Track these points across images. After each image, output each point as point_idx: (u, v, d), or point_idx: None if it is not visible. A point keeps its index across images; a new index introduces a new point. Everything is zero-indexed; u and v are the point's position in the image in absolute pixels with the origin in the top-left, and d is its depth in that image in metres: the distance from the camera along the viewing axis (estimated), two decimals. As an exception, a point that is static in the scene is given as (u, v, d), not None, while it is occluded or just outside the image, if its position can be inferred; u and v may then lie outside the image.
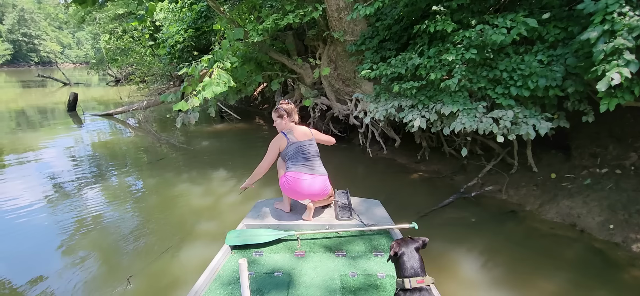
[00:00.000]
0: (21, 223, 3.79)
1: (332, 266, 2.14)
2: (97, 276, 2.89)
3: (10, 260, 3.15)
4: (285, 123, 2.71)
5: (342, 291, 1.91)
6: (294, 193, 2.65)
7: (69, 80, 23.03)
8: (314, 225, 2.64)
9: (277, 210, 2.86)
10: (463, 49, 3.24)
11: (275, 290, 1.92)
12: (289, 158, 2.66)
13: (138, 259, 3.12)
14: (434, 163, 5.19)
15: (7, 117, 11.21)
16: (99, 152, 6.80)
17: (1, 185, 4.87)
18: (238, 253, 2.33)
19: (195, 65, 4.98)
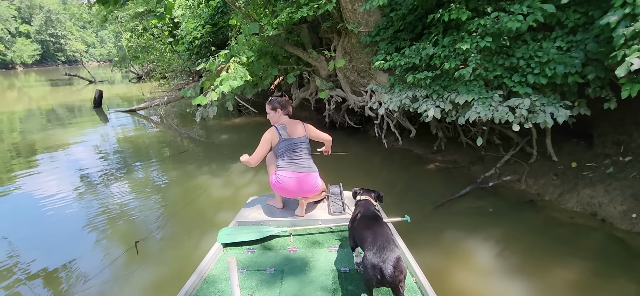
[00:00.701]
0: (53, 213, 4.03)
1: (325, 262, 2.11)
2: (120, 261, 3.06)
3: (44, 245, 3.38)
4: (278, 117, 2.65)
5: (334, 286, 1.89)
6: (284, 191, 2.61)
7: (94, 78, 23.92)
8: (307, 221, 2.60)
9: (269, 207, 2.82)
10: (478, 37, 3.20)
11: (267, 287, 1.89)
12: (279, 155, 2.62)
13: (161, 247, 3.28)
14: (450, 153, 5.15)
15: (38, 114, 11.83)
16: (124, 146, 7.12)
17: (35, 178, 5.19)
18: (230, 250, 2.29)
19: (213, 60, 5.11)
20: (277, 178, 2.57)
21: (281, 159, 2.59)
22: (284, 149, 2.58)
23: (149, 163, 5.92)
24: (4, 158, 6.43)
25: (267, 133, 2.59)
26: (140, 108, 10.22)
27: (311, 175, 2.60)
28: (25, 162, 6.14)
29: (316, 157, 2.81)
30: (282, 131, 2.57)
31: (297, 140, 2.59)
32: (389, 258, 1.59)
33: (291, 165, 2.55)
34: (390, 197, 4.22)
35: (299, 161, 2.57)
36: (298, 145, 2.59)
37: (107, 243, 3.37)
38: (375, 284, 1.65)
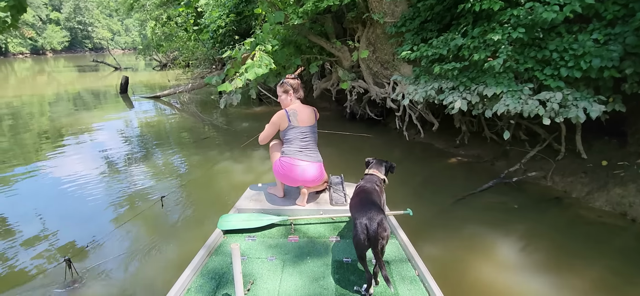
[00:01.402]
0: (78, 193, 4.18)
1: (327, 252, 2.10)
2: (140, 241, 3.16)
3: (69, 223, 3.51)
4: (290, 100, 2.58)
5: (336, 276, 1.88)
6: (287, 179, 2.58)
7: (119, 65, 24.65)
8: (308, 211, 2.57)
9: (270, 195, 2.78)
10: (510, 28, 3.13)
11: (268, 275, 1.88)
12: (286, 141, 2.57)
13: (182, 227, 3.38)
14: (473, 148, 5.08)
15: (66, 98, 12.33)
16: (148, 131, 7.36)
17: (61, 160, 5.42)
18: (230, 237, 2.28)
19: (238, 48, 5.20)
20: (281, 165, 2.54)
21: (287, 145, 2.55)
22: (292, 136, 2.52)
23: (172, 147, 6.12)
24: (34, 139, 6.76)
25: (276, 116, 2.54)
26: (164, 95, 10.51)
27: (316, 164, 2.57)
28: (53, 143, 6.44)
29: (331, 148, 2.79)
30: (293, 117, 2.50)
31: (306, 129, 2.54)
32: (374, 218, 1.73)
33: (297, 153, 2.52)
34: (409, 189, 4.23)
35: (305, 150, 2.53)
36: (306, 134, 2.54)
37: (126, 224, 3.46)
38: (364, 242, 1.74)
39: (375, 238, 1.70)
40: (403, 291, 1.74)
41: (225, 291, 1.76)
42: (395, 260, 2.01)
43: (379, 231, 1.69)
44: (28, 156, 5.70)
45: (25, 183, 4.57)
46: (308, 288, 1.78)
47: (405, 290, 1.75)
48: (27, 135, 7.01)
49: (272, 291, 1.75)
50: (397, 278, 1.84)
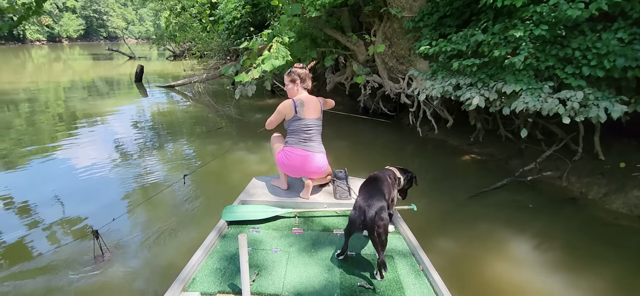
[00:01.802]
0: (90, 179, 4.25)
1: (331, 245, 2.10)
2: (156, 222, 3.23)
3: (87, 203, 3.62)
4: (297, 90, 2.54)
5: (340, 269, 1.88)
6: (290, 169, 2.57)
7: (134, 54, 24.97)
8: (312, 203, 2.57)
9: (274, 187, 2.78)
10: (532, 25, 3.10)
11: (273, 267, 1.88)
12: (290, 132, 2.55)
13: (197, 213, 3.44)
14: (488, 146, 5.05)
15: (81, 86, 12.59)
16: (162, 120, 7.49)
17: (75, 147, 5.53)
18: (234, 228, 2.29)
19: (256, 39, 5.25)
20: (284, 154, 2.53)
21: (290, 136, 2.54)
22: (296, 128, 2.50)
23: (186, 137, 6.23)
24: (50, 125, 6.93)
25: (282, 106, 2.50)
26: (178, 85, 10.64)
27: (319, 155, 2.55)
28: (68, 129, 6.60)
29: (343, 141, 2.79)
30: (299, 108, 2.46)
31: (312, 122, 2.51)
32: (373, 205, 1.77)
33: (301, 144, 2.51)
34: (421, 185, 4.21)
35: (309, 141, 2.52)
36: (311, 127, 2.51)
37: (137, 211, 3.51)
38: (358, 226, 1.79)
39: (371, 225, 1.73)
40: (408, 285, 1.74)
41: (230, 281, 1.76)
42: (399, 254, 2.01)
43: (375, 220, 1.72)
44: (43, 140, 5.85)
45: (42, 166, 4.72)
46: (313, 281, 1.77)
47: (410, 284, 1.75)
48: (43, 120, 7.20)
49: (277, 282, 1.75)
50: (401, 272, 1.84)
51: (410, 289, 1.72)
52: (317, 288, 1.73)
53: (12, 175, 4.36)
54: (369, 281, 1.76)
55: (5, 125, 6.73)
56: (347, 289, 1.71)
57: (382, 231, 1.74)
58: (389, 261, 1.92)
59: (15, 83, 12.60)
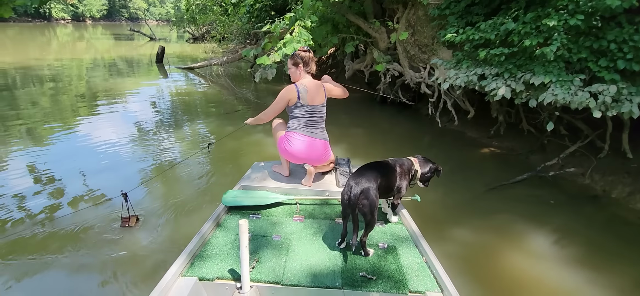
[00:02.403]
0: (109, 156, 4.37)
1: (332, 233, 2.06)
2: (173, 197, 3.34)
3: (101, 182, 3.70)
4: (300, 74, 2.44)
5: (342, 258, 1.85)
6: (292, 156, 2.50)
7: (154, 35, 25.34)
8: (314, 191, 2.51)
9: (275, 173, 2.73)
10: (567, 15, 3.00)
11: (273, 253, 1.85)
12: (292, 118, 2.49)
13: (214, 192, 3.50)
14: (508, 139, 4.96)
15: (102, 65, 12.91)
16: (182, 100, 7.65)
17: (95, 124, 5.70)
18: (235, 214, 2.25)
19: (278, 22, 5.25)
20: (286, 140, 2.47)
21: (292, 122, 2.48)
22: (298, 114, 2.44)
23: (204, 117, 6.35)
24: (72, 102, 7.18)
25: (285, 91, 2.39)
26: (198, 67, 10.79)
27: (322, 141, 2.50)
28: (90, 107, 6.81)
29: (360, 129, 2.72)
30: (303, 94, 2.38)
31: (316, 108, 2.44)
32: (360, 183, 1.77)
33: (303, 129, 2.45)
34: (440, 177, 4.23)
35: (311, 127, 2.47)
36: (314, 113, 2.45)
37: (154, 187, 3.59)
38: (345, 202, 1.80)
39: (354, 202, 1.74)
40: (410, 276, 1.71)
41: (229, 267, 1.73)
42: (402, 245, 1.99)
43: (359, 198, 1.74)
44: (67, 117, 6.06)
45: (65, 140, 4.92)
46: (314, 270, 1.74)
47: (412, 275, 1.72)
48: (66, 97, 7.45)
49: (277, 270, 1.71)
50: (404, 263, 1.81)
51: (413, 280, 1.68)
52: (318, 276, 1.69)
53: (38, 148, 4.54)
54: (371, 272, 1.73)
55: (31, 100, 7.00)
56: (349, 278, 1.68)
57: (367, 211, 1.75)
58: (392, 252, 1.91)
59: (40, 60, 13.02)
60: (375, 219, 1.80)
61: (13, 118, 5.75)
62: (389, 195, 2.09)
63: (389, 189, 2.03)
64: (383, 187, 1.93)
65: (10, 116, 5.86)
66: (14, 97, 7.17)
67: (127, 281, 2.30)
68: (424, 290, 1.62)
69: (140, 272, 2.38)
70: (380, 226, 2.16)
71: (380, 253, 1.88)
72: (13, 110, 6.26)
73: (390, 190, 2.04)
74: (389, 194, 2.08)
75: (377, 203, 1.82)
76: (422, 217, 3.10)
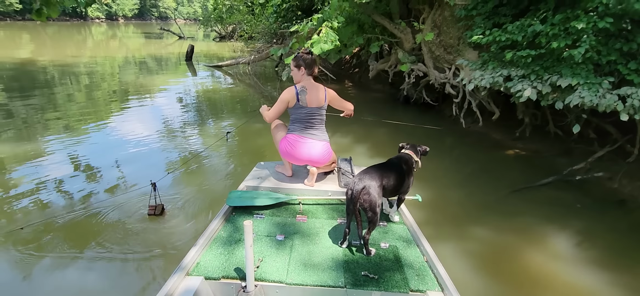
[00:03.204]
0: (138, 149, 4.63)
1: (335, 234, 2.08)
2: (196, 187, 3.59)
3: (129, 172, 3.96)
4: (301, 76, 2.48)
5: (345, 258, 1.87)
6: (293, 157, 2.55)
7: (183, 34, 26.21)
8: (316, 191, 2.54)
9: (278, 174, 2.77)
10: (596, 17, 3.00)
11: (277, 253, 1.89)
12: (292, 120, 2.54)
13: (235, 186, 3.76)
14: (534, 142, 4.92)
15: (133, 63, 13.55)
16: (209, 97, 8.01)
17: (125, 119, 6.07)
18: (239, 214, 2.29)
19: (306, 23, 5.43)
20: (287, 142, 2.52)
21: (293, 124, 2.54)
22: (298, 116, 2.49)
23: (232, 114, 6.64)
24: (105, 97, 7.65)
25: (285, 93, 2.46)
26: (226, 65, 11.19)
27: (322, 143, 2.54)
28: (121, 102, 7.23)
29: (384, 128, 2.73)
30: (301, 96, 2.43)
31: (314, 110, 2.47)
32: (363, 180, 1.84)
33: (303, 131, 2.50)
34: (461, 175, 4.26)
35: (311, 129, 2.51)
36: (313, 115, 2.49)
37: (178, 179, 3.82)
38: (349, 198, 1.85)
39: (355, 198, 1.81)
40: (411, 276, 1.74)
41: (234, 267, 1.77)
42: (403, 245, 2.02)
43: (361, 193, 1.80)
44: (100, 111, 6.51)
45: (98, 133, 5.28)
46: (317, 269, 1.77)
47: (413, 275, 1.75)
48: (99, 94, 7.94)
49: (281, 270, 1.75)
50: (405, 262, 1.85)
51: (414, 280, 1.71)
52: (322, 276, 1.72)
53: (72, 140, 4.90)
54: (373, 271, 1.76)
55: (67, 96, 7.53)
56: (351, 278, 1.71)
57: (367, 207, 1.81)
58: (393, 251, 1.94)
59: (77, 57, 13.83)
60: (377, 216, 1.84)
61: (51, 111, 6.23)
62: (398, 192, 2.15)
63: (397, 187, 2.09)
64: (391, 185, 2.00)
65: (48, 109, 6.35)
66: (52, 93, 7.71)
67: (149, 267, 2.46)
68: (425, 289, 1.65)
69: (160, 261, 2.53)
70: (382, 226, 2.20)
71: (382, 253, 1.91)
72: (51, 104, 6.77)
73: (398, 187, 2.10)
74: (397, 192, 2.14)
75: (379, 201, 1.87)
76: (442, 215, 3.23)
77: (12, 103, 6.66)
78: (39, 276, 2.33)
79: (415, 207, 2.68)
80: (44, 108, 6.34)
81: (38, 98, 7.03)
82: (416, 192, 2.50)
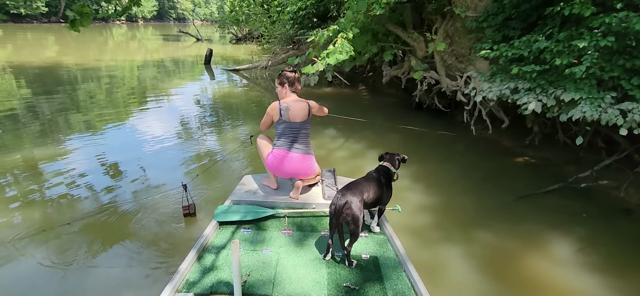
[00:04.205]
0: (155, 149, 4.95)
1: (319, 245, 2.15)
2: (204, 193, 3.74)
3: (148, 171, 4.26)
4: (285, 92, 2.62)
5: (328, 270, 1.93)
6: (279, 171, 2.64)
7: (201, 36, 26.81)
8: (301, 204, 2.61)
9: (264, 187, 2.83)
10: (599, 35, 3.15)
11: (262, 268, 1.93)
12: (277, 135, 2.64)
13: None
14: (544, 150, 5.03)
15: (152, 65, 14.08)
16: (226, 100, 8.39)
17: (145, 119, 6.43)
18: (226, 229, 2.34)
19: (322, 33, 5.69)
20: (273, 156, 2.62)
21: (278, 138, 2.63)
22: (282, 130, 2.60)
23: (247, 118, 6.95)
24: (124, 98, 8.09)
25: (270, 108, 2.60)
26: (244, 69, 11.57)
27: (306, 156, 2.63)
28: (140, 104, 7.65)
29: (395, 134, 2.85)
30: (284, 112, 2.54)
31: (297, 125, 2.58)
32: (346, 195, 1.95)
33: (288, 145, 2.59)
34: (470, 181, 4.39)
35: (295, 143, 2.60)
36: (297, 130, 2.59)
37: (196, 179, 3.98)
38: (332, 213, 1.96)
39: (338, 212, 1.92)
40: (390, 286, 1.82)
41: (222, 281, 1.82)
42: (383, 255, 2.11)
43: (344, 207, 1.91)
44: (119, 112, 6.93)
45: (118, 132, 5.68)
46: (301, 282, 1.84)
47: (392, 284, 1.84)
48: (119, 95, 8.42)
49: (267, 283, 1.81)
50: (384, 272, 1.94)
51: (392, 289, 1.80)
52: (306, 288, 1.79)
53: (94, 138, 5.31)
54: (354, 282, 1.84)
55: (90, 96, 8.04)
56: (334, 289, 1.78)
57: (350, 220, 1.93)
58: (374, 262, 2.03)
59: (99, 60, 14.48)
60: (359, 229, 1.96)
61: (74, 111, 6.72)
62: (378, 204, 2.28)
63: (379, 199, 2.22)
64: (371, 198, 2.13)
65: (71, 109, 6.84)
66: (75, 93, 8.24)
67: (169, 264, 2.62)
68: None
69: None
70: (364, 237, 2.28)
71: (363, 264, 2.00)
72: (74, 103, 7.27)
73: (379, 199, 2.23)
74: (378, 203, 2.27)
75: (361, 215, 1.98)
76: (449, 219, 3.41)
77: (38, 103, 7.19)
78: (80, 270, 2.57)
79: (419, 211, 2.84)
80: (66, 109, 6.81)
81: (61, 96, 7.61)
82: (412, 197, 2.62)
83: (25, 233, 2.98)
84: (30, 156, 4.63)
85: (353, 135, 5.69)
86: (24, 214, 3.27)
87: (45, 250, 2.78)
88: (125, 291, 2.42)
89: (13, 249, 2.77)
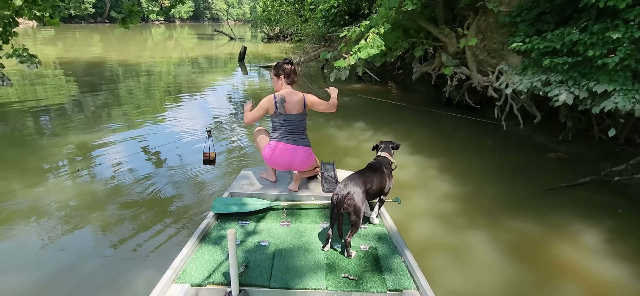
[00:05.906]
0: (186, 141, 5.17)
1: (317, 237, 2.14)
2: None
3: (178, 164, 4.37)
4: (281, 85, 2.60)
5: (326, 261, 1.92)
6: (276, 163, 2.64)
7: (234, 35, 27.82)
8: (300, 196, 2.61)
9: (262, 179, 2.82)
10: (635, 27, 3.15)
11: (261, 259, 1.92)
12: (273, 128, 2.64)
13: None
14: (578, 146, 4.96)
15: (188, 63, 14.86)
16: (258, 95, 8.71)
17: (177, 114, 6.84)
18: (224, 221, 2.33)
19: (354, 28, 5.90)
20: (270, 149, 2.60)
21: (275, 131, 2.62)
22: (278, 123, 2.59)
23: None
24: (161, 94, 8.63)
25: (264, 101, 2.56)
26: (275, 65, 11.99)
27: (303, 148, 2.61)
28: (175, 99, 8.24)
29: (424, 128, 2.87)
30: (280, 105, 2.53)
31: (293, 117, 2.57)
32: (348, 186, 1.96)
33: (284, 137, 2.58)
34: (500, 174, 4.43)
35: (291, 135, 2.59)
36: (293, 122, 2.58)
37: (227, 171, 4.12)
38: (333, 204, 1.95)
39: (340, 203, 1.91)
40: (389, 277, 1.82)
41: (220, 272, 1.82)
42: (382, 246, 2.10)
43: (346, 198, 1.91)
44: (155, 107, 7.40)
45: (155, 125, 6.09)
46: (299, 273, 1.83)
47: (391, 275, 1.83)
48: (156, 91, 9.01)
49: (265, 275, 1.80)
50: (383, 263, 1.93)
51: (392, 280, 1.79)
52: (304, 279, 1.78)
53: (131, 131, 5.66)
54: (353, 273, 1.84)
55: (129, 92, 8.68)
56: (332, 280, 1.78)
57: (351, 211, 1.92)
58: (372, 253, 2.02)
59: (139, 57, 15.45)
60: (360, 220, 1.96)
61: (115, 105, 7.29)
62: (380, 194, 2.28)
63: (381, 190, 2.23)
64: (374, 189, 2.13)
65: (112, 103, 7.42)
66: (116, 88, 8.91)
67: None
68: (401, 288, 1.73)
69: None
70: (363, 228, 2.27)
71: (362, 255, 1.99)
72: (115, 98, 7.88)
73: (381, 190, 2.24)
74: (380, 194, 2.27)
75: (362, 206, 1.96)
76: (475, 207, 3.52)
77: (83, 97, 7.86)
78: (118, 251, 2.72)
79: (446, 199, 2.92)
80: (107, 104, 7.38)
81: (105, 93, 8.24)
82: (440, 185, 2.69)
83: (74, 211, 3.21)
84: (81, 142, 5.06)
85: (382, 127, 5.85)
86: (68, 195, 3.55)
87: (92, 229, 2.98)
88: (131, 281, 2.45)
89: (62, 223, 3.02)
